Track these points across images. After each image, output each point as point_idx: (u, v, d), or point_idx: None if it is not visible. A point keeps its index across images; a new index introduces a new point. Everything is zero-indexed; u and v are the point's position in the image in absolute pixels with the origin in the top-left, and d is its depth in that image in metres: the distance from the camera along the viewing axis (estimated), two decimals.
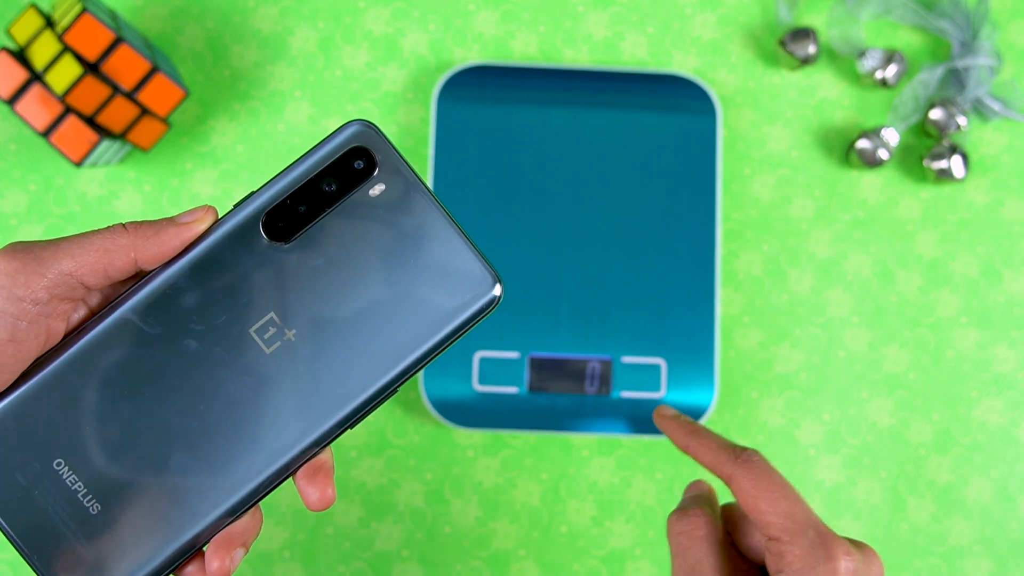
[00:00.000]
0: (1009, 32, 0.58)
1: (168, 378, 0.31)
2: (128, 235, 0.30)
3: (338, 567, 0.55)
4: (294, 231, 0.32)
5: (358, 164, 0.32)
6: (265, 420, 0.31)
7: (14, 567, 0.54)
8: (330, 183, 0.32)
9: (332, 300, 0.32)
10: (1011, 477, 0.55)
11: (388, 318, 0.32)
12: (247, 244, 0.32)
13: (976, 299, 0.56)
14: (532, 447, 0.55)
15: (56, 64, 0.48)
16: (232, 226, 0.32)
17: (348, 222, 0.32)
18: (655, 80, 0.55)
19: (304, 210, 0.32)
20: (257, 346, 0.31)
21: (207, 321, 0.31)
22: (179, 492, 0.31)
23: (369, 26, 0.57)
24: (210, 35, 0.56)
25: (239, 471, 0.31)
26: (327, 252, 0.32)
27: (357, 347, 0.32)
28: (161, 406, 0.31)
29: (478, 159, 0.54)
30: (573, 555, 0.55)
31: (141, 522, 0.30)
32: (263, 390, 0.31)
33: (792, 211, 0.56)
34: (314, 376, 0.31)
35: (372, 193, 0.32)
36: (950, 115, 0.55)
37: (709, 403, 0.53)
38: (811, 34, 0.55)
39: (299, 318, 0.32)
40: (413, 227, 0.32)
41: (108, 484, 0.31)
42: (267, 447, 0.31)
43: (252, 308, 0.31)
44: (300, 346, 0.31)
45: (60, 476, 0.31)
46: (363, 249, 0.32)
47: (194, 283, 0.31)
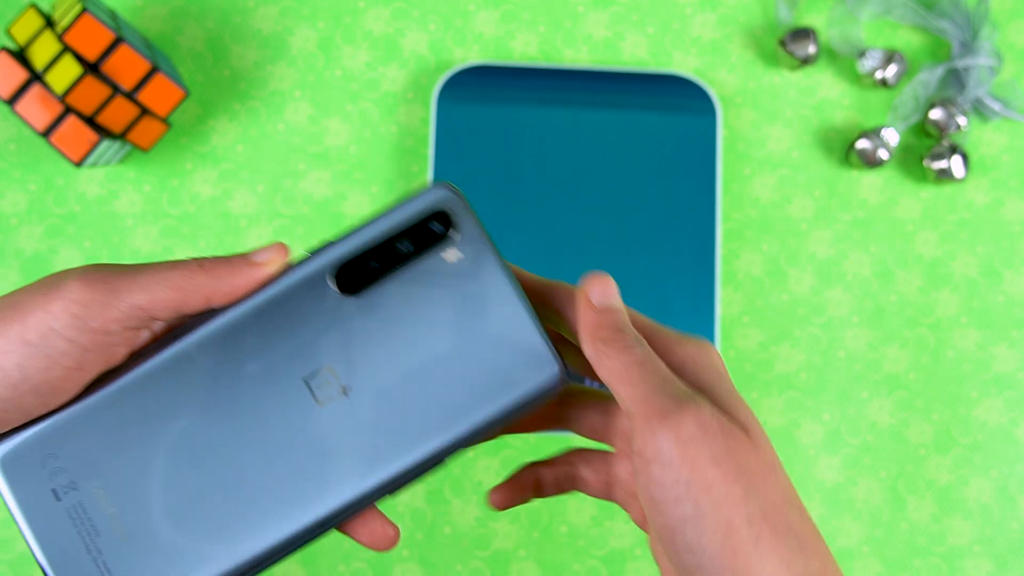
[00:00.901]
0: (1009, 32, 0.58)
1: (216, 418, 0.31)
2: (204, 274, 0.30)
3: (338, 567, 0.55)
4: (363, 286, 0.32)
5: (437, 228, 0.32)
6: (304, 472, 0.31)
7: (14, 567, 0.54)
8: (406, 243, 0.32)
9: (391, 360, 0.32)
10: (1011, 477, 0.55)
11: (443, 387, 0.31)
12: (316, 293, 0.32)
13: (976, 299, 0.56)
14: (532, 447, 0.55)
15: (56, 64, 0.48)
16: (304, 274, 0.32)
17: (419, 283, 0.32)
18: (655, 80, 0.55)
19: (376, 266, 0.32)
20: (309, 396, 0.31)
21: (265, 364, 0.31)
22: (205, 531, 0.31)
23: (369, 26, 0.57)
24: (210, 35, 0.56)
25: (265, 523, 0.31)
26: (393, 311, 0.32)
27: (409, 412, 0.31)
28: (204, 446, 0.31)
29: (478, 159, 0.54)
30: (573, 555, 0.55)
31: (160, 560, 0.30)
32: (308, 442, 0.31)
33: (792, 211, 0.56)
34: (361, 436, 0.31)
35: (447, 258, 0.32)
36: (950, 115, 0.55)
37: None
38: (811, 34, 0.55)
39: (355, 374, 0.31)
40: (482, 298, 0.32)
41: (139, 515, 0.31)
42: (301, 501, 0.31)
43: (311, 357, 0.31)
44: (352, 403, 0.31)
45: (96, 499, 0.31)
46: (429, 313, 0.32)
47: (258, 325, 0.31)
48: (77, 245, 0.55)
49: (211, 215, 0.56)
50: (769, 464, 0.29)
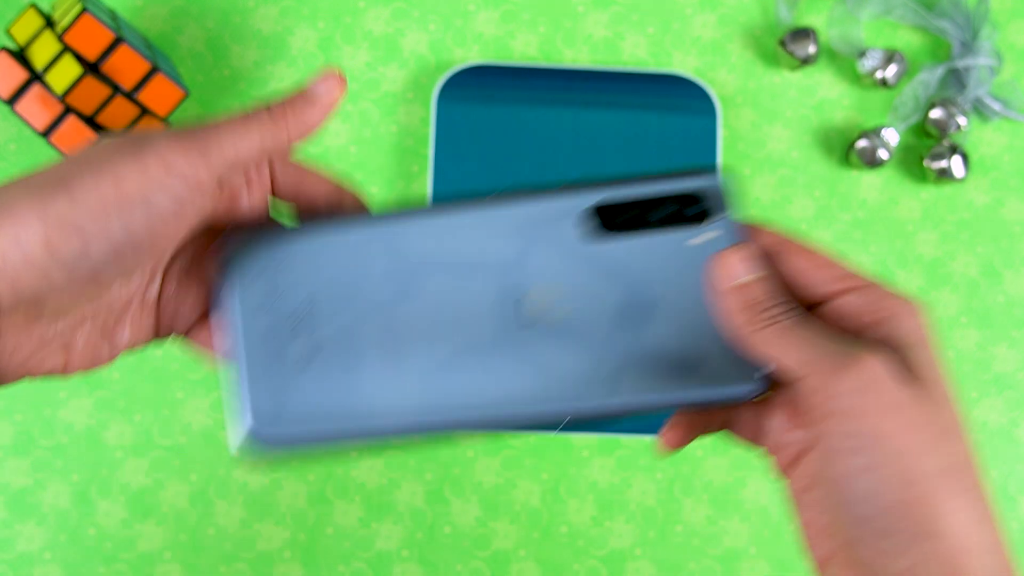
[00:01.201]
0: (1009, 32, 0.58)
1: (433, 284, 0.33)
2: (275, 122, 0.30)
3: (338, 567, 0.55)
4: (613, 232, 0.33)
5: (698, 209, 0.33)
6: (488, 371, 0.32)
7: (14, 567, 0.54)
8: (667, 210, 0.33)
9: (608, 307, 0.32)
10: (1011, 477, 0.55)
11: (647, 353, 0.32)
12: (565, 223, 0.33)
13: (976, 299, 0.56)
14: (532, 447, 0.55)
15: (56, 64, 0.48)
16: (559, 203, 0.33)
17: (662, 250, 0.33)
18: (655, 80, 0.55)
19: (630, 219, 0.33)
20: (522, 309, 0.33)
21: (493, 262, 0.33)
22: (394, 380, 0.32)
23: (369, 26, 0.57)
24: (210, 35, 0.56)
25: (439, 402, 0.32)
26: (630, 265, 0.33)
27: (607, 362, 0.32)
28: (411, 314, 0.32)
29: (478, 159, 0.54)
30: (573, 555, 0.55)
31: (340, 394, 0.31)
32: (501, 344, 0.32)
33: (792, 211, 0.56)
34: (551, 362, 0.32)
35: (697, 239, 0.33)
36: (950, 115, 0.55)
37: None
38: (811, 34, 0.55)
39: (572, 304, 0.32)
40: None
41: (342, 342, 0.32)
42: (474, 396, 0.32)
43: (538, 275, 0.33)
44: (557, 330, 0.32)
45: (307, 314, 0.32)
46: (663, 281, 0.33)
47: (505, 231, 0.33)
48: None
49: None
50: (950, 424, 0.29)
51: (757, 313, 0.30)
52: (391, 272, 0.33)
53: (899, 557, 0.27)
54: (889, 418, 0.28)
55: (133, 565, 0.54)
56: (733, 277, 0.31)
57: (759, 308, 0.30)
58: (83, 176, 0.27)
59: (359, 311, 0.32)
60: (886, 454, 0.27)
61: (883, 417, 0.28)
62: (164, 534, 0.54)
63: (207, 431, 0.55)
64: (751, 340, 0.30)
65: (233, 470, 0.55)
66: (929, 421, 0.28)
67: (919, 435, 0.28)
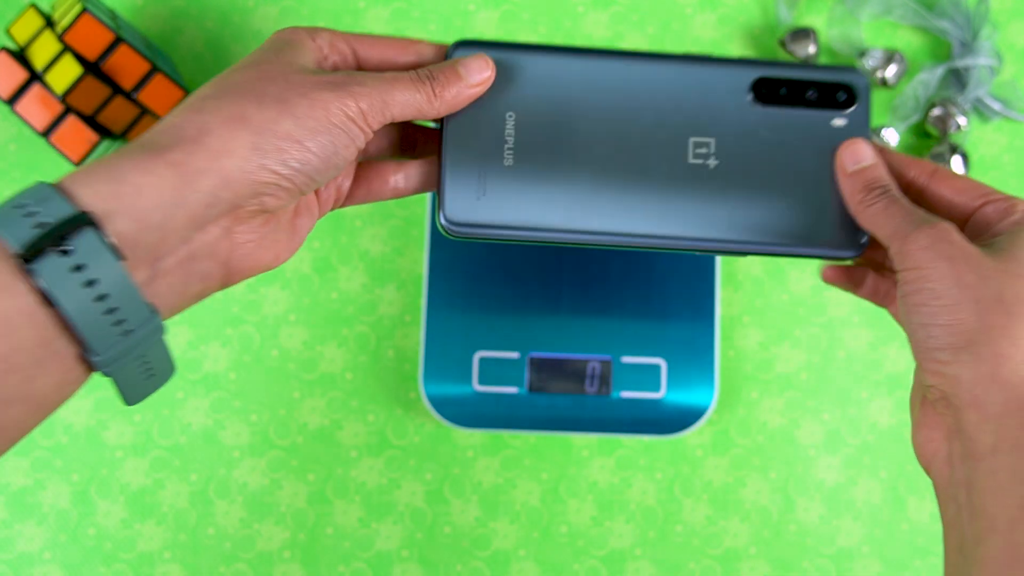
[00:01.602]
0: (1009, 32, 0.57)
1: (618, 120, 0.40)
2: (431, 93, 0.37)
3: (338, 567, 0.55)
4: (770, 102, 0.40)
5: (842, 96, 0.41)
6: (654, 200, 0.40)
7: (14, 567, 0.54)
8: (816, 93, 0.41)
9: (757, 162, 0.40)
10: None
11: (780, 204, 0.40)
12: (731, 88, 0.40)
13: None
14: (532, 447, 0.55)
15: (56, 64, 0.48)
16: (727, 72, 0.41)
17: (806, 125, 0.40)
18: None
19: (785, 94, 0.40)
20: (689, 152, 0.40)
21: (671, 113, 0.40)
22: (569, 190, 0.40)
23: (369, 26, 0.57)
24: (210, 35, 0.56)
25: (605, 212, 0.40)
26: (779, 132, 0.40)
27: (746, 205, 0.40)
28: (596, 137, 0.40)
29: None
30: (573, 555, 0.55)
31: (535, 196, 0.39)
32: (667, 175, 0.40)
33: None
34: (705, 195, 0.40)
35: (835, 122, 0.40)
36: (950, 115, 0.55)
37: (709, 403, 0.53)
38: (811, 34, 0.55)
39: (728, 155, 0.40)
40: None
41: (532, 153, 0.39)
42: (637, 212, 0.40)
43: (705, 128, 0.40)
44: (712, 172, 0.40)
45: (504, 122, 0.39)
46: (803, 149, 0.40)
47: (673, 89, 0.40)
48: None
49: None
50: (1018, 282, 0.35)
51: (869, 192, 0.38)
52: (578, 101, 0.40)
53: (959, 367, 0.34)
54: (945, 263, 0.35)
55: (133, 565, 0.54)
56: (857, 161, 0.39)
57: (871, 187, 0.38)
58: (301, 102, 0.34)
59: (548, 133, 0.39)
60: (941, 288, 0.34)
61: (941, 263, 0.35)
62: (164, 534, 0.54)
63: (207, 431, 0.55)
64: (862, 213, 0.38)
65: (233, 470, 0.55)
66: (998, 268, 0.35)
67: (970, 274, 0.34)
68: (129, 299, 0.30)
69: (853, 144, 0.39)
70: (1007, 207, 0.37)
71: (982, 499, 0.33)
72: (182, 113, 0.33)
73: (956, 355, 0.34)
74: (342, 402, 0.55)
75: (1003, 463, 0.33)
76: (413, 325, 0.55)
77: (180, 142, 0.32)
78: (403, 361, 0.55)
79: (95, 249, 0.29)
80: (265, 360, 0.55)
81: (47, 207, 0.29)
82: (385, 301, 0.56)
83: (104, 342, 0.30)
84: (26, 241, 0.29)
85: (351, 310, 0.56)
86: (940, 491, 0.36)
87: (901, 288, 0.36)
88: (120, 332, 0.31)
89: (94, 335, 0.30)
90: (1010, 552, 0.32)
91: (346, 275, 0.56)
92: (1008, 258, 0.35)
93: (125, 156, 0.31)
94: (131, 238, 0.30)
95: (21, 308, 0.29)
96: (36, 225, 0.29)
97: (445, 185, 0.40)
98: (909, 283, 0.36)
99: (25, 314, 0.29)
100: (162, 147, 0.32)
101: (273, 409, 0.55)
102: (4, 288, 0.28)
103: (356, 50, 0.38)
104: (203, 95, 0.34)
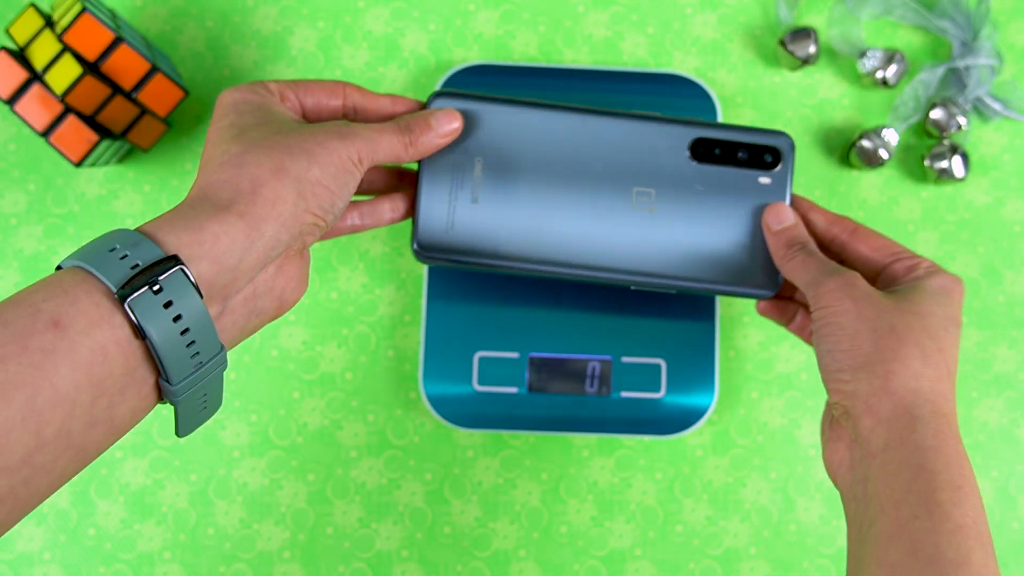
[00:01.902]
0: (1010, 32, 0.57)
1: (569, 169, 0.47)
2: (409, 143, 0.43)
3: (338, 567, 0.55)
4: (704, 160, 0.47)
5: (769, 158, 0.48)
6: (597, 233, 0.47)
7: (14, 567, 0.54)
8: (745, 154, 0.48)
9: (690, 212, 0.47)
10: (1011, 477, 0.55)
11: (707, 248, 0.47)
12: (671, 145, 0.47)
13: (976, 299, 0.56)
14: (532, 447, 0.55)
15: (56, 64, 0.48)
16: (670, 132, 0.47)
17: (735, 181, 0.47)
18: (655, 80, 0.55)
19: (719, 154, 0.47)
20: (631, 200, 0.47)
21: (617, 163, 0.47)
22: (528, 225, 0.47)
23: (369, 26, 0.57)
24: (210, 35, 0.56)
25: (557, 245, 0.47)
26: (711, 186, 0.47)
27: (677, 247, 0.47)
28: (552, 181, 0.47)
29: None
30: (573, 555, 0.55)
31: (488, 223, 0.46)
32: (612, 220, 0.47)
33: None
34: (643, 238, 0.47)
35: (761, 179, 0.47)
36: (951, 115, 0.55)
37: (709, 403, 0.53)
38: (811, 34, 0.55)
39: (666, 205, 0.47)
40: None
41: (495, 193, 0.46)
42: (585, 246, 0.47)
43: (645, 179, 0.47)
44: (652, 219, 0.47)
45: (473, 167, 0.46)
46: (730, 202, 0.47)
47: (622, 143, 0.47)
48: (77, 245, 0.55)
49: None
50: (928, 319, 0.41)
51: (790, 248, 0.46)
52: (538, 149, 0.47)
53: (856, 384, 0.40)
54: (848, 302, 0.42)
55: (133, 565, 0.54)
56: (780, 222, 0.47)
57: (792, 244, 0.46)
58: (320, 151, 0.39)
59: (510, 176, 0.46)
60: (845, 322, 0.41)
61: (844, 302, 0.42)
62: (164, 534, 0.54)
63: (207, 431, 0.55)
64: (784, 265, 0.46)
65: (233, 470, 0.55)
66: (894, 307, 0.42)
67: (870, 309, 0.41)
68: (206, 333, 0.34)
69: (777, 207, 0.47)
70: (912, 265, 0.45)
71: (875, 488, 0.38)
72: (227, 169, 0.38)
73: (855, 374, 0.40)
74: (342, 402, 0.55)
75: (892, 457, 0.38)
76: (413, 325, 0.55)
77: (240, 194, 0.37)
78: (403, 361, 0.55)
79: (182, 287, 0.33)
80: (265, 360, 0.55)
81: (138, 250, 0.33)
82: (385, 301, 0.56)
83: (180, 372, 0.34)
84: (122, 280, 0.32)
85: (351, 310, 0.56)
86: (844, 494, 0.41)
87: (814, 323, 0.43)
88: (195, 364, 0.35)
89: (173, 365, 0.34)
90: (895, 526, 0.37)
91: (346, 275, 0.56)
92: (904, 300, 0.42)
93: (197, 209, 0.36)
94: (209, 279, 0.35)
95: (117, 339, 0.32)
96: (131, 266, 0.33)
97: (419, 217, 0.46)
98: (820, 319, 0.42)
99: (119, 344, 0.32)
100: (227, 200, 0.36)
101: (273, 409, 0.55)
102: (103, 321, 0.32)
103: (298, 96, 0.44)
104: (235, 152, 0.38)
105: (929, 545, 0.36)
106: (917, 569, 0.35)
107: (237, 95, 0.42)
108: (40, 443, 0.31)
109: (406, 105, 0.46)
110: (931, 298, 0.42)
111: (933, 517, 0.36)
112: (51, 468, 0.31)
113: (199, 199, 0.37)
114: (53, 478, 0.32)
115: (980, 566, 0.35)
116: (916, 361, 0.40)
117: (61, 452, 0.31)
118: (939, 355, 0.41)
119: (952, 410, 0.40)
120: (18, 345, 0.30)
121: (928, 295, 0.42)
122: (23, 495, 0.31)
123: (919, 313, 0.41)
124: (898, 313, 0.41)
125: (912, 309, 0.41)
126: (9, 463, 0.30)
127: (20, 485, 0.31)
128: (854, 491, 0.40)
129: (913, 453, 0.38)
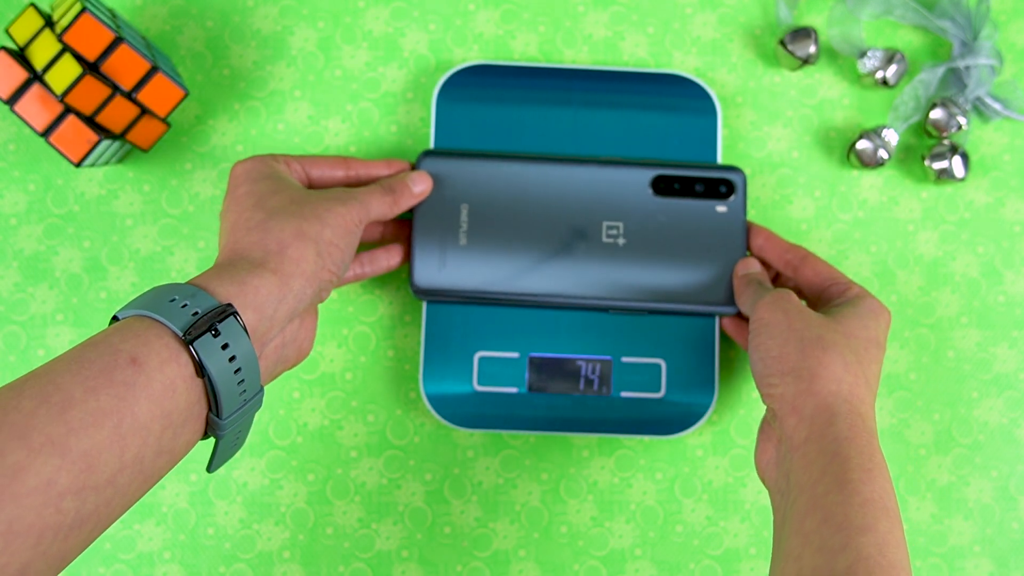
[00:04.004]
0: (1010, 32, 0.57)
1: (545, 210, 0.52)
2: (392, 202, 0.50)
3: (338, 567, 0.55)
4: (665, 194, 0.53)
5: (723, 189, 0.53)
6: (572, 264, 0.52)
7: None
8: (703, 187, 0.53)
9: (656, 242, 0.53)
10: (1012, 477, 0.55)
11: (671, 274, 0.52)
12: (635, 182, 0.53)
13: (976, 299, 0.56)
14: (532, 447, 0.55)
15: (56, 64, 0.48)
16: (632, 171, 0.53)
17: (694, 212, 0.53)
18: (655, 80, 0.55)
19: (678, 188, 0.53)
20: (602, 233, 0.53)
21: (586, 202, 0.53)
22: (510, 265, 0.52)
23: (369, 26, 0.57)
24: (210, 35, 0.56)
25: (537, 279, 0.52)
26: (673, 217, 0.53)
27: (646, 274, 0.52)
28: (531, 221, 0.52)
29: None
30: (573, 555, 0.55)
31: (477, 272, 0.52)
32: (585, 253, 0.52)
33: (792, 211, 0.56)
34: (614, 268, 0.52)
35: (718, 208, 0.53)
36: (951, 115, 0.55)
37: (709, 403, 0.53)
38: (811, 34, 0.55)
39: (634, 237, 0.53)
40: (724, 241, 0.53)
41: (481, 235, 0.52)
42: (562, 276, 0.52)
43: (615, 213, 0.53)
44: (622, 250, 0.53)
45: (461, 212, 0.52)
46: (691, 231, 0.53)
47: (591, 184, 0.53)
48: (76, 245, 0.55)
49: (211, 215, 0.56)
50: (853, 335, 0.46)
51: (747, 284, 0.51)
52: (518, 194, 0.52)
53: (784, 387, 0.44)
54: (780, 315, 0.47)
55: (133, 565, 0.54)
56: (745, 269, 0.53)
57: (749, 282, 0.52)
58: (330, 216, 0.45)
59: (494, 219, 0.52)
60: (775, 331, 0.46)
61: (776, 315, 0.47)
62: (164, 534, 0.54)
63: None
64: (739, 294, 0.52)
65: (233, 470, 0.55)
66: (822, 322, 0.46)
67: (797, 321, 0.46)
68: (253, 372, 0.39)
69: (747, 260, 0.53)
70: (845, 289, 0.50)
71: (797, 476, 0.42)
72: (255, 233, 0.43)
73: (783, 379, 0.44)
74: (342, 402, 0.55)
75: (812, 448, 0.42)
76: (413, 325, 0.55)
77: (270, 254, 0.42)
78: (403, 361, 0.55)
79: (236, 332, 0.38)
80: None
81: (196, 300, 0.38)
82: (385, 301, 0.56)
83: (230, 406, 0.39)
84: (186, 325, 0.37)
85: (351, 310, 0.56)
86: (772, 489, 0.45)
87: (750, 334, 0.48)
88: (242, 400, 0.39)
89: (226, 399, 0.38)
90: (812, 502, 0.40)
91: None
92: (833, 316, 0.47)
93: (236, 266, 0.41)
94: (252, 326, 0.40)
95: (184, 376, 0.37)
96: (191, 313, 0.37)
97: (414, 260, 0.52)
98: (754, 329, 0.47)
99: (184, 380, 0.37)
100: (260, 259, 0.42)
101: (273, 409, 0.55)
102: (172, 359, 0.36)
103: (304, 167, 0.50)
104: (259, 219, 0.44)
105: (839, 515, 0.39)
106: (828, 535, 0.39)
107: (248, 164, 0.48)
108: (122, 466, 0.34)
109: (400, 167, 0.53)
110: (857, 319, 0.47)
111: (844, 491, 0.40)
112: (126, 491, 0.35)
113: (235, 259, 0.42)
114: (126, 501, 0.35)
115: (885, 533, 0.39)
116: (839, 368, 0.44)
117: (135, 476, 0.35)
118: (859, 367, 0.45)
119: (869, 412, 0.44)
120: (105, 378, 0.34)
121: (855, 316, 0.47)
122: (104, 515, 0.34)
123: (844, 331, 0.46)
124: (825, 327, 0.46)
125: (838, 327, 0.46)
126: (99, 481, 0.33)
127: (103, 505, 0.34)
128: (779, 485, 0.44)
129: (830, 443, 0.42)
